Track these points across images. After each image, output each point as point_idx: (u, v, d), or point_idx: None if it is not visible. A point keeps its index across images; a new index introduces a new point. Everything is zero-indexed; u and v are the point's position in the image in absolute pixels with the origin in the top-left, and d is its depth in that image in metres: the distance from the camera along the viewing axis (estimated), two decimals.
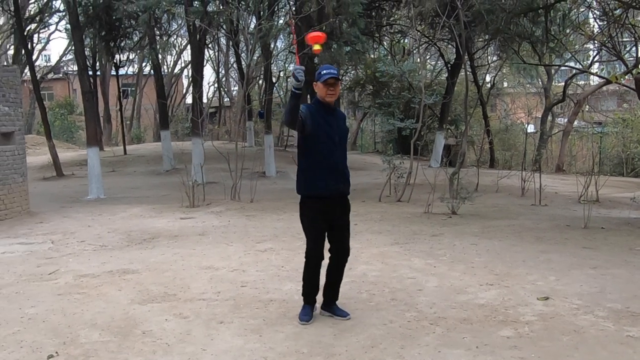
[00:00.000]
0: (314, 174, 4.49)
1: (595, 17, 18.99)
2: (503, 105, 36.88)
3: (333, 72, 4.52)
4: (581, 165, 23.10)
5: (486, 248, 7.22)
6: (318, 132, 4.46)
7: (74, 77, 37.45)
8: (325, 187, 4.49)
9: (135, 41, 21.86)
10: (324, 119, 4.50)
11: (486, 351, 3.99)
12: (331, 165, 4.51)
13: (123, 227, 8.98)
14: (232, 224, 9.19)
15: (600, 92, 30.29)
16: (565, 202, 12.45)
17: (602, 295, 5.18)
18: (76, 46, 14.59)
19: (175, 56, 39.20)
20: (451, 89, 20.70)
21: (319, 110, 4.52)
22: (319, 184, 4.49)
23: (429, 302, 5.05)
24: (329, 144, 4.50)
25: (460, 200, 10.43)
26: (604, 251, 7.04)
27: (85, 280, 5.92)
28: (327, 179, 4.49)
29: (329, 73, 4.49)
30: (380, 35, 22.66)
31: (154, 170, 18.66)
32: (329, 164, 4.50)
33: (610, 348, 4.01)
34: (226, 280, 5.82)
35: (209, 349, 4.13)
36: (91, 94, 15.05)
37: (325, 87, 4.48)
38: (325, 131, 4.48)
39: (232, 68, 34.77)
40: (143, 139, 35.12)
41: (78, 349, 4.14)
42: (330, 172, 4.50)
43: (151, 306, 5.04)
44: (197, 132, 15.57)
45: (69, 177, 17.20)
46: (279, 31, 16.89)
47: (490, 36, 18.01)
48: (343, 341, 4.21)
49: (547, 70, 26.01)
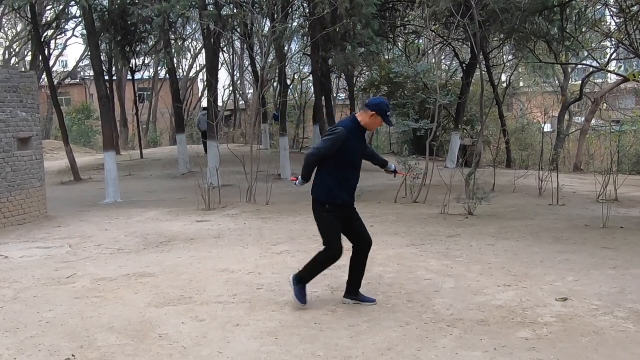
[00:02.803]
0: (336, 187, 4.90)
1: (612, 14, 18.78)
2: (519, 105, 36.59)
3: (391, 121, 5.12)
4: (599, 164, 22.83)
5: (503, 249, 7.16)
6: (346, 157, 4.86)
7: (90, 82, 37.74)
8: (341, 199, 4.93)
9: (150, 46, 21.99)
10: (355, 144, 4.89)
11: (504, 353, 3.96)
12: (350, 186, 4.98)
13: (140, 231, 9.02)
14: (248, 226, 9.20)
15: (618, 90, 29.94)
16: (584, 201, 12.31)
17: (622, 295, 5.11)
18: (92, 52, 14.69)
19: (190, 60, 39.38)
20: (467, 89, 20.58)
21: (354, 134, 4.88)
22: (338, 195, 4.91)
23: (446, 303, 5.02)
24: (352, 169, 4.96)
25: (476, 201, 10.35)
26: (623, 251, 6.95)
27: (102, 284, 5.96)
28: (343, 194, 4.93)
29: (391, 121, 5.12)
30: (395, 36, 22.57)
31: (170, 173, 18.75)
32: (348, 184, 4.96)
33: (631, 350, 3.95)
34: (242, 283, 5.82)
35: (225, 352, 4.13)
36: (107, 98, 15.15)
37: (378, 121, 4.94)
38: (352, 157, 4.90)
39: (247, 71, 34.87)
40: (159, 143, 35.29)
41: (95, 353, 4.16)
42: (346, 189, 4.95)
43: (167, 309, 5.06)
44: (213, 136, 15.61)
45: (86, 182, 17.34)
46: (293, 34, 16.89)
47: (505, 35, 17.87)
48: (360, 344, 4.19)
49: (564, 69, 25.77)
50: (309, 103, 28.76)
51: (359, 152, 4.96)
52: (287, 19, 17.18)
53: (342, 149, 4.80)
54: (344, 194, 4.89)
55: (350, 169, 4.92)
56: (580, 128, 26.20)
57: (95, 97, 20.56)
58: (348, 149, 4.82)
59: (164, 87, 36.20)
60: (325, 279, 5.89)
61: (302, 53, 25.25)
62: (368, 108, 4.92)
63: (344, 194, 4.89)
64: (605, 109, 31.43)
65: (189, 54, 37.33)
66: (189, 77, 39.80)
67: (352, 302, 5.03)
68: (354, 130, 4.87)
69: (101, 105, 14.40)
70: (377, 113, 4.86)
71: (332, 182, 4.87)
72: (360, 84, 27.84)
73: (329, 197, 4.87)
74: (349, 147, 4.81)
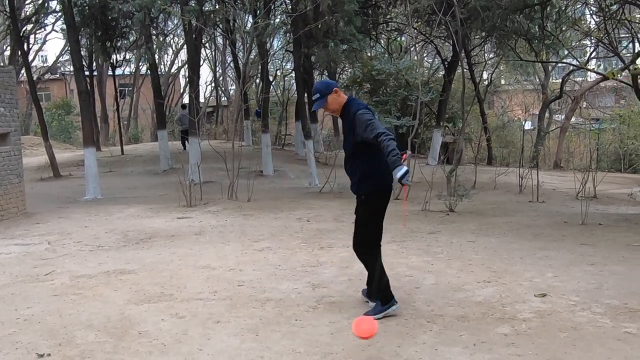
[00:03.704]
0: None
1: (591, 13, 18.98)
2: (500, 103, 36.87)
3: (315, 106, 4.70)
4: (579, 161, 23.10)
5: (484, 245, 7.21)
6: None
7: (70, 77, 37.33)
8: None
9: (131, 41, 21.79)
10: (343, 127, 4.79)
11: (483, 349, 3.98)
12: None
13: (120, 227, 8.95)
14: (229, 223, 9.17)
15: (597, 89, 30.32)
16: (563, 198, 12.45)
17: (600, 291, 5.17)
18: (72, 46, 14.53)
19: (172, 56, 39.13)
20: (448, 87, 20.67)
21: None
22: None
23: (426, 299, 5.04)
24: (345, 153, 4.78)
25: (457, 198, 10.42)
26: (601, 247, 7.03)
27: (81, 280, 5.90)
28: None
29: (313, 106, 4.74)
30: (377, 33, 22.61)
31: (151, 170, 18.62)
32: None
33: (607, 345, 4.00)
34: (223, 279, 5.80)
35: (206, 348, 4.12)
36: (88, 94, 14.97)
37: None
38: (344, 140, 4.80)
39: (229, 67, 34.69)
40: (140, 139, 35.01)
41: (74, 350, 4.13)
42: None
43: (147, 306, 5.03)
44: (194, 132, 15.54)
45: (66, 178, 17.15)
46: (275, 30, 16.85)
47: (486, 33, 17.99)
48: (340, 340, 4.19)
49: (544, 67, 26.00)
50: (292, 100, 28.71)
51: (346, 136, 4.71)
52: (269, 15, 17.13)
53: None
54: None
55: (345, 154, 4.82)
56: (560, 126, 26.48)
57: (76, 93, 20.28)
58: None
59: (145, 82, 35.90)
60: (307, 275, 5.90)
61: (285, 49, 25.18)
62: None
63: None
64: (584, 107, 31.80)
65: (170, 49, 37.10)
66: (171, 73, 39.55)
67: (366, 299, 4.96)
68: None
69: (81, 100, 14.25)
70: None
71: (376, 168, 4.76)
72: (343, 80, 27.82)
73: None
74: None
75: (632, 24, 16.55)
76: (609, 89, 33.12)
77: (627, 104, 29.80)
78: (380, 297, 4.63)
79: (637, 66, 17.45)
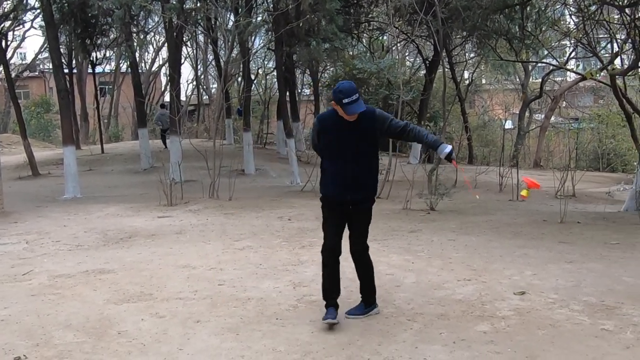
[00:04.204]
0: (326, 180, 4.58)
1: (570, 13, 19.16)
2: (481, 102, 37.12)
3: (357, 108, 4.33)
4: (558, 160, 23.32)
5: (464, 244, 7.25)
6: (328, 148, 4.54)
7: (50, 75, 36.93)
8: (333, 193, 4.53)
9: (111, 38, 21.61)
10: (335, 134, 4.46)
11: (463, 346, 4.01)
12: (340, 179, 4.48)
13: (99, 227, 8.87)
14: (210, 222, 9.13)
15: (576, 88, 30.61)
16: (543, 197, 12.56)
17: (578, 289, 5.22)
18: (51, 44, 14.36)
19: (152, 54, 38.89)
20: (429, 86, 20.79)
21: (332, 123, 4.48)
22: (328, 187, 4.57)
23: (406, 298, 5.06)
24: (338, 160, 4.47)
25: (438, 197, 10.47)
26: (580, 245, 7.11)
27: (60, 280, 5.84)
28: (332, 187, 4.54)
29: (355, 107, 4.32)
30: (359, 32, 22.65)
31: (131, 168, 18.48)
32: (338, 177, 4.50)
33: (585, 342, 4.04)
34: (203, 278, 5.77)
35: (185, 348, 4.10)
36: (67, 92, 14.82)
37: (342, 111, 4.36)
38: (334, 147, 4.48)
39: (211, 65, 34.52)
40: (121, 138, 34.73)
41: (52, 350, 4.08)
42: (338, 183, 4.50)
43: (127, 306, 4.99)
44: (175, 130, 15.45)
45: (45, 177, 16.97)
46: (256, 28, 16.81)
47: (467, 33, 18.11)
48: (320, 338, 4.20)
49: (524, 66, 26.22)
50: (273, 98, 28.64)
51: (347, 144, 4.42)
52: (250, 13, 17.08)
53: (323, 141, 4.55)
54: (333, 187, 4.50)
55: (337, 161, 4.47)
56: (540, 125, 26.74)
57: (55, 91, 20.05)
58: (326, 139, 4.51)
59: (125, 80, 35.63)
60: (288, 274, 5.90)
61: (266, 48, 25.13)
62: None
63: (333, 187, 4.50)
64: (564, 106, 32.15)
65: (151, 47, 36.88)
66: (152, 71, 39.30)
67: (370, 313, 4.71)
68: (332, 120, 4.47)
69: (60, 98, 14.09)
70: (335, 102, 4.39)
71: (323, 174, 4.59)
72: (325, 79, 27.83)
73: (322, 190, 4.59)
74: (327, 136, 4.50)
75: (611, 24, 16.72)
76: (588, 88, 33.47)
77: (606, 104, 30.18)
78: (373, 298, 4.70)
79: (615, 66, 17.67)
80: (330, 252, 4.51)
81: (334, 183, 4.50)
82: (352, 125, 4.41)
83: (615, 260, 6.24)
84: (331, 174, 4.52)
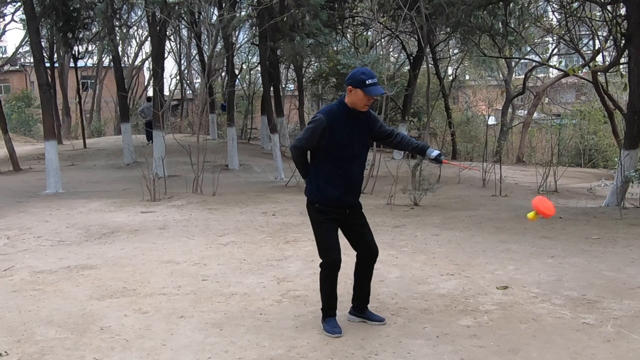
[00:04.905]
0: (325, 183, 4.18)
1: (553, 10, 19.29)
2: (465, 98, 37.30)
3: (380, 89, 4.11)
4: (540, 156, 23.50)
5: (447, 239, 7.29)
6: (333, 147, 4.12)
7: (31, 69, 36.54)
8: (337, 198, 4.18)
9: (93, 32, 21.39)
10: (343, 131, 4.10)
11: (446, 340, 4.03)
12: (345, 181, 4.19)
13: (82, 222, 8.80)
14: (194, 217, 9.09)
15: (559, 85, 30.88)
16: (525, 192, 12.66)
17: (560, 283, 5.27)
18: (32, 37, 14.19)
19: (135, 48, 38.57)
20: (413, 81, 20.83)
21: (340, 119, 4.11)
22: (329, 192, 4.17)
23: (390, 292, 5.08)
24: (344, 161, 4.16)
25: (422, 192, 10.51)
26: (561, 240, 7.17)
27: (41, 276, 5.79)
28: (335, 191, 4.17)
29: (378, 88, 4.07)
30: (343, 28, 22.64)
31: (114, 164, 18.36)
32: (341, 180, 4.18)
33: (566, 335, 4.08)
34: (187, 274, 5.75)
35: (169, 344, 4.08)
36: (48, 86, 14.64)
37: (367, 98, 4.06)
38: (341, 146, 4.12)
39: (195, 60, 34.32)
40: (103, 132, 34.43)
41: (33, 347, 4.05)
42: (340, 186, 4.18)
43: (110, 302, 4.96)
44: (158, 125, 15.35)
45: (26, 172, 16.79)
46: (240, 22, 16.73)
47: (451, 29, 18.15)
48: (305, 333, 4.20)
49: (508, 63, 26.36)
50: (258, 93, 28.57)
51: (353, 140, 4.14)
52: (234, 8, 16.99)
53: (327, 139, 4.08)
54: (336, 191, 4.14)
55: (342, 161, 4.13)
56: (522, 121, 26.91)
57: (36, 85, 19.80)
58: (333, 138, 4.07)
59: (108, 75, 35.33)
60: (272, 269, 5.89)
61: (250, 43, 25.03)
62: (345, 84, 4.17)
63: (336, 191, 4.14)
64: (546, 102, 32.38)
65: (134, 41, 36.58)
66: (135, 65, 38.98)
67: (357, 320, 4.43)
68: (340, 114, 4.11)
69: (41, 92, 13.94)
70: (353, 86, 4.05)
71: (321, 178, 4.17)
72: (309, 74, 27.79)
73: (317, 195, 4.18)
74: (334, 135, 4.07)
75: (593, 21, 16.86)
76: (570, 85, 33.76)
77: (588, 100, 30.44)
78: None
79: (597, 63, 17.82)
80: (336, 266, 4.23)
81: (336, 185, 4.15)
82: (359, 119, 4.17)
83: (596, 255, 6.31)
84: (332, 175, 4.15)
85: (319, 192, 4.18)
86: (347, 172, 4.17)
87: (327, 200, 4.16)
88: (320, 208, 4.18)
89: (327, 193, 4.15)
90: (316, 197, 4.19)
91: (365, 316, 4.44)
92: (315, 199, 4.20)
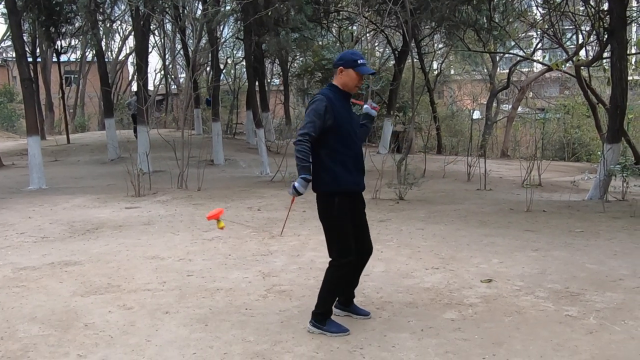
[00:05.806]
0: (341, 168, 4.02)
1: (537, 5, 19.37)
2: (450, 92, 37.41)
3: (369, 68, 4.11)
4: (525, 150, 23.68)
5: (432, 233, 7.32)
6: (342, 126, 4.01)
7: (13, 64, 36.11)
8: (353, 182, 4.08)
9: (76, 27, 21.20)
10: (345, 112, 4.05)
11: (431, 334, 4.05)
12: (358, 162, 4.13)
13: (65, 218, 8.74)
14: (179, 212, 9.06)
15: (543, 79, 31.02)
16: (509, 186, 12.75)
17: (543, 276, 5.31)
18: (13, 32, 14.05)
19: (119, 42, 38.30)
20: (398, 76, 20.85)
21: (338, 100, 4.05)
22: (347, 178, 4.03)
23: (375, 287, 5.09)
24: (353, 140, 4.09)
25: (407, 186, 10.55)
26: (545, 234, 7.23)
27: (24, 273, 5.74)
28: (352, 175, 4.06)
29: (368, 67, 4.09)
30: (328, 22, 22.59)
31: (98, 159, 18.24)
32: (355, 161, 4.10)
33: (550, 328, 4.12)
34: (172, 269, 5.73)
35: (154, 339, 4.06)
36: (31, 81, 14.49)
37: (358, 78, 4.06)
38: (348, 124, 4.06)
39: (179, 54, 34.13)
40: (87, 128, 34.19)
41: (16, 344, 4.01)
42: (356, 168, 4.10)
43: (94, 298, 4.93)
44: (143, 120, 15.26)
45: (8, 167, 16.64)
46: (224, 17, 16.65)
47: (436, 23, 18.19)
48: (290, 328, 4.20)
49: (492, 57, 26.46)
50: (243, 88, 28.48)
51: (351, 117, 4.12)
52: (219, 2, 16.91)
53: (333, 117, 3.96)
54: (353, 175, 4.04)
55: (350, 139, 4.05)
56: (507, 115, 27.06)
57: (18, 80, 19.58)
58: (337, 115, 3.97)
59: (91, 69, 35.05)
60: (257, 264, 5.89)
61: (235, 37, 24.94)
62: (334, 67, 4.15)
63: (353, 175, 4.04)
64: (530, 96, 32.54)
65: (117, 36, 36.30)
66: (118, 60, 38.70)
67: (342, 314, 4.37)
68: (336, 96, 4.05)
69: (24, 87, 13.79)
70: (344, 66, 4.04)
71: (336, 164, 3.98)
72: (294, 69, 27.75)
73: (335, 185, 3.98)
74: (336, 111, 3.97)
75: (576, 16, 16.95)
76: (554, 79, 33.95)
77: (571, 94, 30.62)
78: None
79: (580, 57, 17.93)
80: (352, 266, 4.10)
81: (349, 169, 4.01)
82: (348, 103, 4.17)
83: (579, 248, 6.37)
84: (345, 158, 4.00)
85: (335, 181, 3.98)
86: (355, 150, 4.11)
87: (346, 187, 4.01)
88: (341, 201, 3.99)
89: (344, 180, 3.99)
90: (332, 188, 3.99)
91: (351, 310, 4.41)
92: (332, 189, 3.99)
